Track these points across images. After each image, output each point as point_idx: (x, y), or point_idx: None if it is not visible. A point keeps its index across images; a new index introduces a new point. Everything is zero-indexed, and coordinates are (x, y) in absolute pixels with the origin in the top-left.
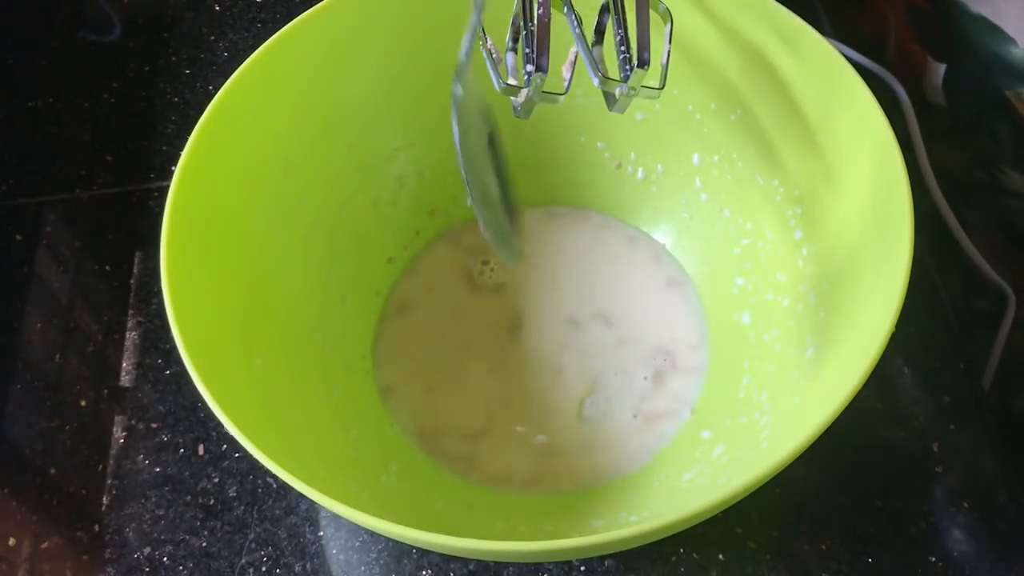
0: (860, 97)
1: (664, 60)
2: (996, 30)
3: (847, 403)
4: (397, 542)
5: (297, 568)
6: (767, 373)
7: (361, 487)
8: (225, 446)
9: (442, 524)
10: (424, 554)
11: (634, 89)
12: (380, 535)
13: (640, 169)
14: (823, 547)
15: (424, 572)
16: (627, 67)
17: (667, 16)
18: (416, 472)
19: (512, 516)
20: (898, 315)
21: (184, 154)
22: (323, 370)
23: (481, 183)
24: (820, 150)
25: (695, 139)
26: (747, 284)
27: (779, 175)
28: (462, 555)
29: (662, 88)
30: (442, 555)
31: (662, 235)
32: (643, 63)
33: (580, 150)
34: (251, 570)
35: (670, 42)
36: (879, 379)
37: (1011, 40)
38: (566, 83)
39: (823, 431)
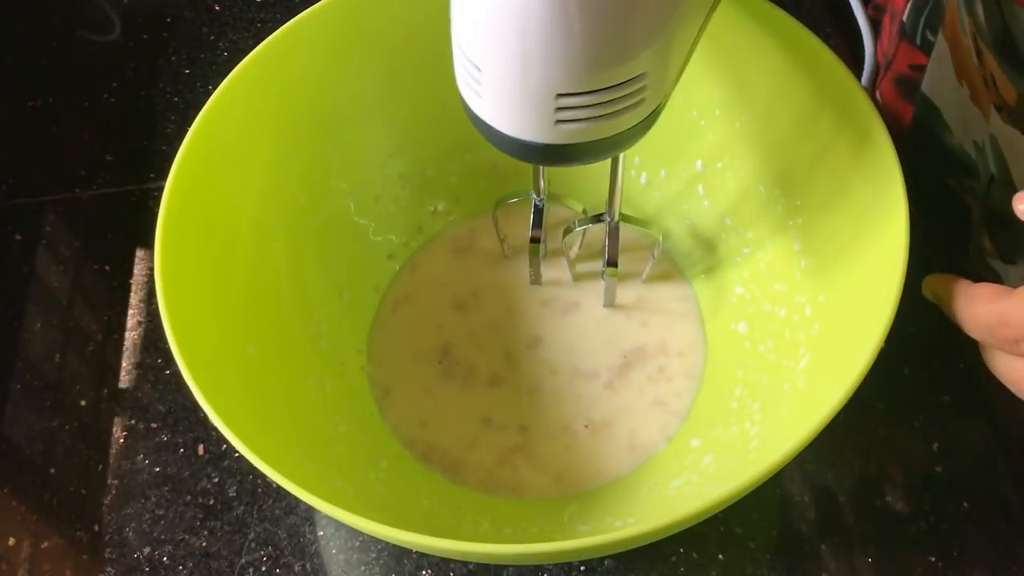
0: (863, 111)
1: (644, 276)
2: (936, 113)
3: (831, 418)
4: None
5: (297, 568)
6: (760, 384)
7: (348, 483)
8: (225, 446)
9: (428, 524)
10: (424, 554)
11: (609, 281)
12: None
13: (643, 174)
14: (823, 547)
15: (424, 572)
16: (605, 265)
17: (657, 243)
18: (405, 471)
19: (498, 518)
20: (886, 333)
21: (181, 151)
22: (317, 364)
23: None
24: (823, 162)
25: (699, 145)
26: (746, 293)
27: (781, 184)
28: (444, 556)
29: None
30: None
31: (663, 241)
32: (612, 264)
33: None
34: (251, 570)
35: (654, 258)
36: (879, 379)
37: (947, 128)
38: (571, 271)
39: (805, 445)
